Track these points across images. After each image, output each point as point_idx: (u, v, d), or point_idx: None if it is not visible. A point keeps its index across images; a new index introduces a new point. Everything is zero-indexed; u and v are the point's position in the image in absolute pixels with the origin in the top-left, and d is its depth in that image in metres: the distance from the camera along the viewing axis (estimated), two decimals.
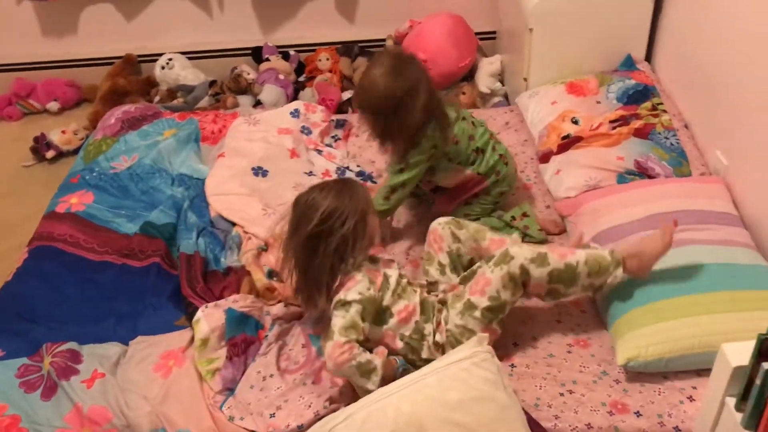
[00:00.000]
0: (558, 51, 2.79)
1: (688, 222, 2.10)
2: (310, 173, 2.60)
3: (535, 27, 2.72)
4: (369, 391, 1.67)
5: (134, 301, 2.14)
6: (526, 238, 2.24)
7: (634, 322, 1.84)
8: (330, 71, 3.42)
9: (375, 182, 2.58)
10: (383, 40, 3.48)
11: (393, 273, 1.86)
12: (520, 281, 1.81)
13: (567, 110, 2.61)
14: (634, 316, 1.85)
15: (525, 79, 2.89)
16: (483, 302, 1.80)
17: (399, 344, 1.83)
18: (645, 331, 1.81)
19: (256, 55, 3.49)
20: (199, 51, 3.51)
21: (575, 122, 2.55)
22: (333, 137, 2.83)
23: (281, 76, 3.34)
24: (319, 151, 2.68)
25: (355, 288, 1.76)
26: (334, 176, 2.59)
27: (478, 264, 1.90)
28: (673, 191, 2.25)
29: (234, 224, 2.38)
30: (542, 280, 1.81)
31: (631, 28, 2.80)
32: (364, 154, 2.78)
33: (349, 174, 2.60)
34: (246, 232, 2.33)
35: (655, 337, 1.79)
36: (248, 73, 3.40)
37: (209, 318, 1.95)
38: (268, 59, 3.45)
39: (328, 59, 3.45)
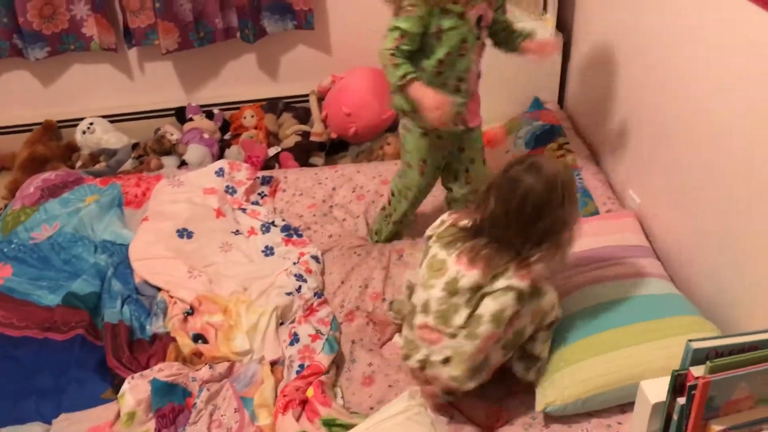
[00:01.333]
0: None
1: (603, 260, 2.18)
2: (237, 232, 2.59)
3: None
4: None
5: (57, 376, 2.07)
6: None
7: (551, 367, 1.89)
8: (255, 128, 3.43)
9: (301, 236, 2.59)
10: (307, 95, 3.53)
11: None
12: None
13: None
14: (552, 361, 1.90)
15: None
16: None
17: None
18: (560, 375, 1.85)
19: (180, 115, 3.48)
20: (121, 114, 3.48)
21: None
22: (259, 194, 2.83)
23: (206, 135, 3.33)
24: (243, 210, 2.67)
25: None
26: (259, 233, 2.58)
27: None
28: (589, 229, 2.33)
29: (159, 289, 2.35)
30: None
31: (542, 74, 2.92)
32: (291, 208, 2.80)
33: (273, 229, 2.60)
34: (171, 297, 2.30)
35: (570, 380, 1.84)
36: (172, 134, 3.39)
37: (134, 390, 1.90)
38: (191, 119, 3.44)
39: (253, 116, 3.46)
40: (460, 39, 2.10)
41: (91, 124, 3.40)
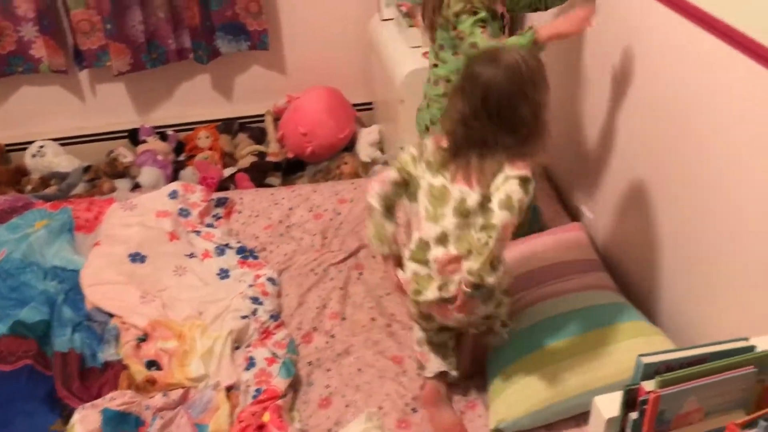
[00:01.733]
0: None
1: (551, 277, 2.20)
2: (191, 255, 2.55)
3: (405, 98, 2.82)
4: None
5: (3, 409, 2.00)
6: None
7: (499, 385, 1.90)
8: (210, 149, 3.41)
9: (257, 257, 2.56)
10: (262, 115, 3.52)
11: None
12: None
13: None
14: (505, 375, 1.91)
15: (401, 148, 2.96)
16: None
17: None
18: (509, 392, 1.87)
19: (133, 137, 3.44)
20: (72, 136, 3.43)
21: None
22: (214, 216, 2.80)
23: (160, 157, 3.29)
24: (198, 232, 2.64)
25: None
26: (214, 256, 2.55)
27: None
28: (537, 246, 2.35)
29: (112, 315, 2.30)
30: None
31: None
32: (247, 230, 2.77)
33: (228, 251, 2.57)
34: (124, 323, 2.25)
35: (518, 395, 1.85)
36: (125, 156, 3.34)
37: (85, 421, 1.85)
38: (145, 141, 3.40)
39: (207, 137, 3.44)
40: (499, 32, 2.14)
41: (42, 147, 3.34)
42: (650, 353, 1.41)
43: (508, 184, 1.67)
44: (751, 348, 1.42)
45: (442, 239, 1.78)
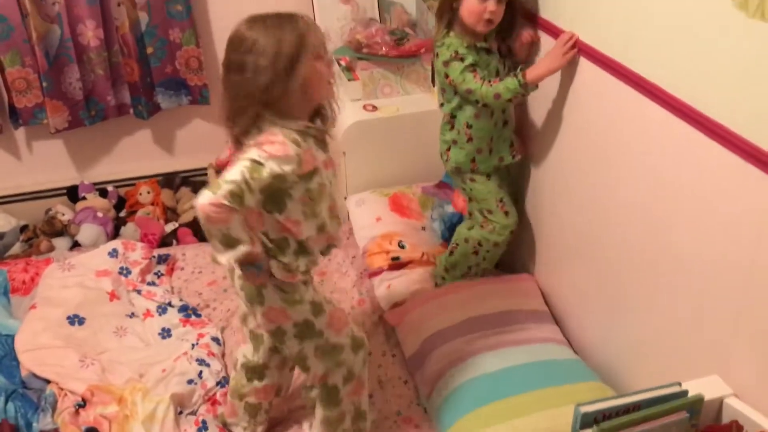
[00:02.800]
0: (374, 168, 2.92)
1: (504, 324, 2.23)
2: (132, 315, 2.50)
3: (347, 150, 2.85)
4: (217, 254, 1.59)
5: None
6: None
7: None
8: (152, 204, 3.36)
9: (200, 315, 2.53)
10: (205, 168, 3.50)
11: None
12: None
13: (393, 232, 2.71)
14: (456, 428, 1.91)
15: (344, 198, 2.99)
16: None
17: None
18: None
19: (72, 194, 3.37)
20: (8, 195, 3.34)
21: (402, 246, 2.65)
22: (155, 274, 2.75)
23: (100, 214, 3.23)
24: (139, 291, 2.59)
25: (275, 152, 1.57)
26: (156, 315, 2.50)
27: None
28: (489, 292, 2.39)
29: (48, 381, 2.23)
30: None
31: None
32: (190, 286, 2.74)
33: (170, 310, 2.53)
34: (62, 389, 2.18)
35: None
36: (63, 214, 3.27)
37: None
38: (84, 197, 3.34)
39: (149, 192, 3.39)
40: (495, 70, 2.22)
41: None
42: (588, 402, 1.43)
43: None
44: (685, 393, 1.46)
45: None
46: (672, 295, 1.76)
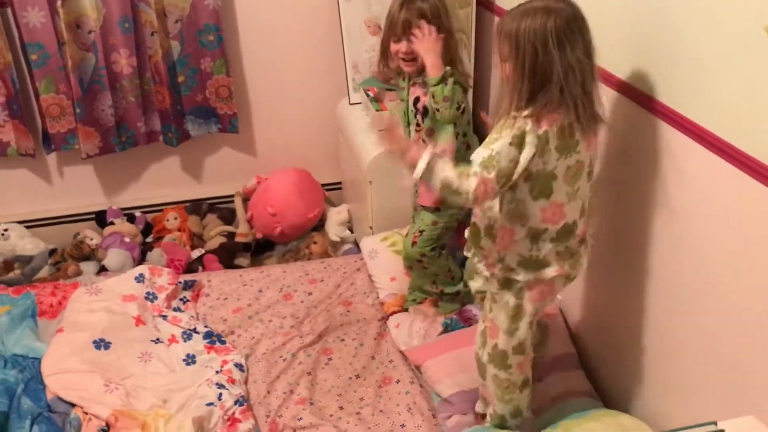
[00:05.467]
0: (398, 201, 2.92)
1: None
2: (157, 340, 2.50)
3: (373, 180, 2.86)
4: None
5: None
6: None
7: None
8: (179, 230, 3.39)
9: (224, 342, 2.53)
10: (231, 196, 3.52)
11: None
12: None
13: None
14: None
15: (370, 227, 2.99)
16: None
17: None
18: None
19: (100, 219, 3.41)
20: (37, 219, 3.38)
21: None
22: (181, 300, 2.76)
23: (127, 239, 3.26)
24: (164, 317, 2.60)
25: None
26: (181, 341, 2.51)
27: None
28: None
29: (73, 405, 2.23)
30: None
31: None
32: (215, 313, 2.74)
33: (195, 336, 2.53)
34: (86, 413, 2.19)
35: None
36: (91, 239, 3.30)
37: None
38: (112, 222, 3.37)
39: (176, 218, 3.42)
40: (402, 111, 2.32)
41: (6, 229, 3.29)
42: None
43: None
44: None
45: (584, 212, 1.81)
46: (710, 334, 1.73)
